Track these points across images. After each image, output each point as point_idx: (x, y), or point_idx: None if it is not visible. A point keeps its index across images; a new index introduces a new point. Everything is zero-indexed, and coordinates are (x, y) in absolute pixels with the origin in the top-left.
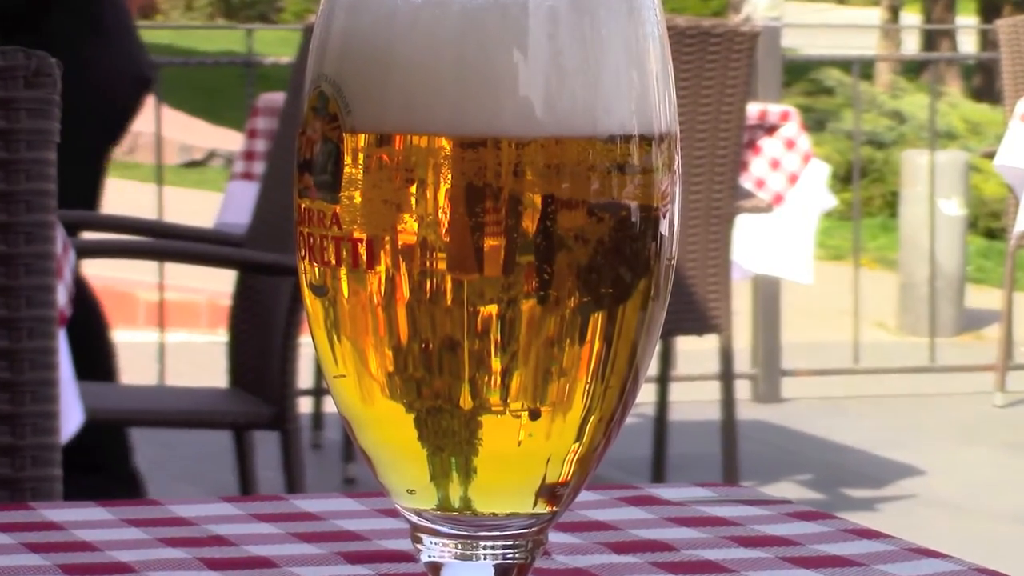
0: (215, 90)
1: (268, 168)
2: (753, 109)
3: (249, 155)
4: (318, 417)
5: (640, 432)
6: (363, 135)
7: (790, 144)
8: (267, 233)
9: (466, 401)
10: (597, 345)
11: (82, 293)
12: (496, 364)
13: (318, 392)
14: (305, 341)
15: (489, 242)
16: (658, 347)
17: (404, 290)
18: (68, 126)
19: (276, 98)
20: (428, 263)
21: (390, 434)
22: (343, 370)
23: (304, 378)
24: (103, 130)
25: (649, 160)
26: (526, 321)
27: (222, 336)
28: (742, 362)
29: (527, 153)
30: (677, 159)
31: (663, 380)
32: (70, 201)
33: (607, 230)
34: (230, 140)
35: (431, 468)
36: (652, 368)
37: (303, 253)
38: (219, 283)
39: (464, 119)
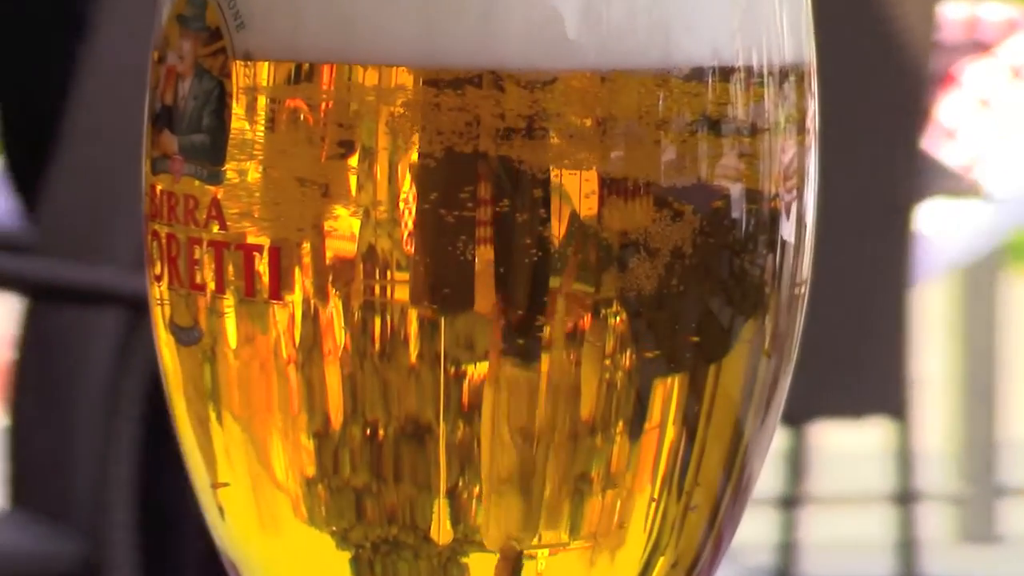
0: None
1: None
2: (952, 13)
3: None
4: None
5: None
6: (266, 65)
7: (1019, 75)
8: (72, 229)
9: (442, 531)
10: (671, 433)
11: None
12: (493, 466)
13: None
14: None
15: (484, 254)
16: (780, 442)
17: (336, 336)
18: None
19: None
20: (377, 290)
21: None
22: (227, 475)
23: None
24: None
25: (763, 111)
26: (547, 391)
27: None
28: (932, 471)
29: (551, 98)
30: (812, 107)
31: (790, 502)
32: None
33: (690, 234)
34: None
35: None
36: (769, 479)
37: (157, 270)
38: None
39: (441, 39)
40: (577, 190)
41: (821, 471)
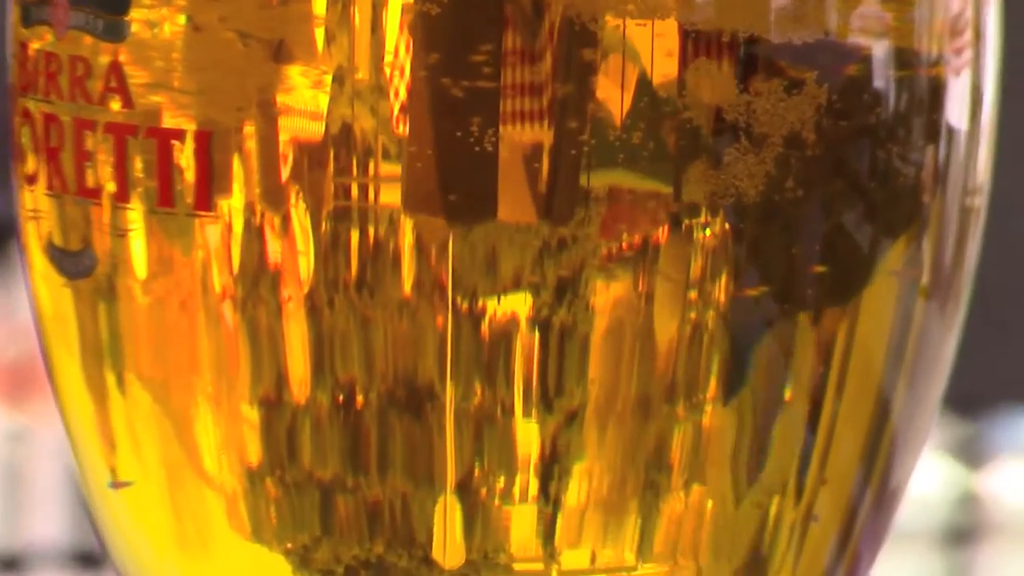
0: None
1: None
2: None
3: None
4: None
5: None
6: None
7: None
8: None
9: (449, 547)
10: (791, 406)
11: None
12: (525, 447)
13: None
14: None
15: (509, 140)
16: (946, 443)
17: (294, 261)
18: None
19: None
20: (355, 193)
21: None
22: (131, 469)
23: None
24: None
25: None
26: (603, 341)
27: None
28: None
29: None
30: None
31: (960, 535)
32: None
33: (812, 114)
34: None
35: None
36: (932, 500)
37: (30, 167)
38: None
39: None
40: (647, 48)
41: (1005, 489)
